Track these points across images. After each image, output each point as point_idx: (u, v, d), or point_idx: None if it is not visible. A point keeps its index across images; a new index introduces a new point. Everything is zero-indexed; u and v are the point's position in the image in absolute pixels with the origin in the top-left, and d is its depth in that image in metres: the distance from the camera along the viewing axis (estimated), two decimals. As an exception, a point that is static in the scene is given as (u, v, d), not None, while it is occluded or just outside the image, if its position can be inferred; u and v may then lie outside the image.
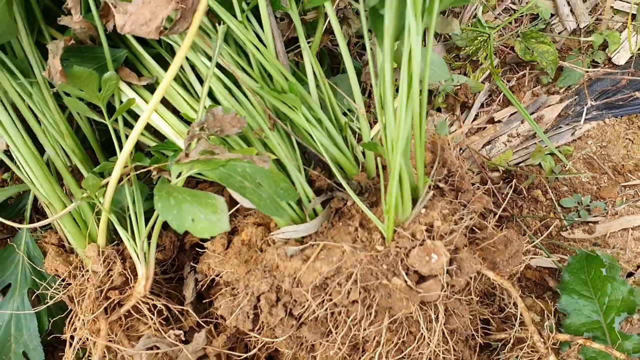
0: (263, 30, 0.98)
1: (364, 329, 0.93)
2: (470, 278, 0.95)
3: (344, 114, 1.05)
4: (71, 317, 1.04)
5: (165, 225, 1.15)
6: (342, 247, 0.92)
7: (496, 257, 0.97)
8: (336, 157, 1.00)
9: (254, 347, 1.03)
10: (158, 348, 1.01)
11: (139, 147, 1.11)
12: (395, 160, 0.81)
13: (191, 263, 1.14)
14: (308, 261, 0.92)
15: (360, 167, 1.03)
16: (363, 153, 1.04)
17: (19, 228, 1.12)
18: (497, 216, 1.02)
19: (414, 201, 0.94)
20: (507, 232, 0.97)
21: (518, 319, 1.06)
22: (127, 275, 1.03)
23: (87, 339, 1.02)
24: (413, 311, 0.91)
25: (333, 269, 0.90)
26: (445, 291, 0.91)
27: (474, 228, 1.00)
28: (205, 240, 1.09)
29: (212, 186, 1.19)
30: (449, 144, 1.01)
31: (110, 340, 1.01)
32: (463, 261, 0.90)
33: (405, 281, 0.89)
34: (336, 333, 0.94)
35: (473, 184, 1.00)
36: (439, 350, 0.97)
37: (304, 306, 0.94)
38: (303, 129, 0.98)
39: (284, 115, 0.99)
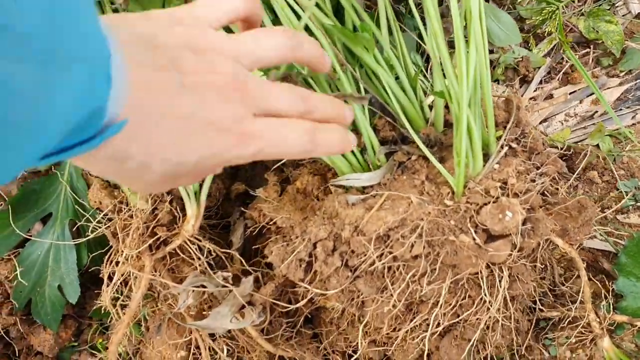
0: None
1: (424, 287, 0.88)
2: (539, 243, 0.89)
3: (415, 69, 0.99)
4: (111, 254, 0.99)
5: (212, 172, 1.10)
6: (409, 198, 0.86)
7: (567, 223, 0.91)
8: (405, 107, 0.94)
9: (302, 298, 0.97)
10: (205, 287, 0.95)
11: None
12: (461, 109, 0.76)
13: (241, 209, 1.09)
14: (372, 210, 0.87)
15: (429, 122, 0.97)
16: (430, 107, 0.99)
17: (63, 157, 1.07)
18: (568, 183, 0.96)
19: (486, 157, 0.89)
20: (581, 198, 0.91)
21: (579, 295, 1.00)
22: (175, 214, 0.98)
23: (130, 274, 0.97)
24: (480, 270, 0.86)
25: (398, 219, 0.85)
26: (514, 253, 0.86)
27: (545, 192, 0.94)
28: (248, 196, 1.04)
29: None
30: (521, 102, 0.95)
31: (152, 279, 0.96)
32: (538, 221, 0.85)
33: (474, 239, 0.83)
34: (393, 289, 0.89)
35: (545, 147, 0.94)
36: (498, 316, 0.91)
37: (361, 257, 0.88)
38: (373, 74, 0.93)
39: (352, 58, 0.93)
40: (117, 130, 0.44)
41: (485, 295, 0.89)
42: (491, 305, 0.90)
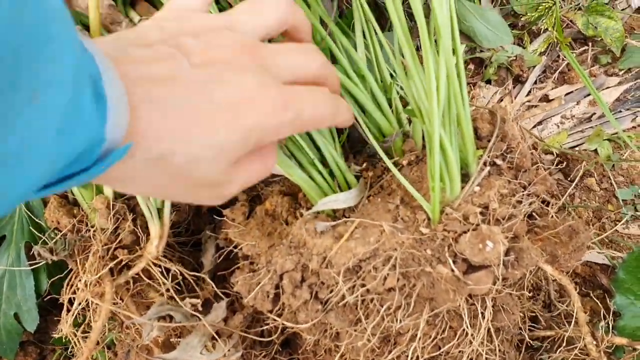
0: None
1: (400, 321, 0.78)
2: (527, 272, 0.79)
3: (392, 76, 0.89)
4: (71, 278, 0.91)
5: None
6: (381, 227, 0.76)
7: (557, 249, 0.81)
8: (378, 121, 0.84)
9: (274, 330, 0.89)
10: (172, 318, 0.86)
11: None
12: (433, 127, 0.66)
13: (213, 226, 1.00)
14: (341, 240, 0.77)
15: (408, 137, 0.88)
16: (410, 120, 0.89)
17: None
18: (559, 203, 0.86)
19: (466, 178, 0.79)
20: (573, 223, 0.81)
21: (573, 317, 0.91)
22: (138, 234, 0.89)
23: (89, 302, 0.89)
24: (459, 305, 0.76)
25: (369, 250, 0.75)
26: (497, 284, 0.76)
27: (533, 214, 0.84)
28: (223, 207, 0.94)
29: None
30: (510, 115, 0.84)
31: (116, 306, 0.88)
32: (523, 252, 0.75)
33: (453, 270, 0.74)
34: (367, 322, 0.79)
35: (534, 162, 0.84)
36: (482, 350, 0.82)
37: (332, 290, 0.79)
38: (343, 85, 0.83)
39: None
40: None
41: (467, 327, 0.80)
42: (474, 338, 0.80)
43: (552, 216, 0.83)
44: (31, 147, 0.34)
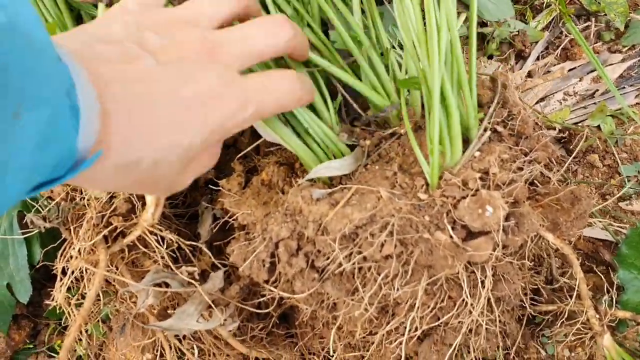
0: None
1: (397, 289, 0.76)
2: (528, 239, 0.77)
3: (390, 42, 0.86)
4: (64, 247, 0.89)
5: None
6: (378, 193, 0.74)
7: (559, 216, 0.79)
8: (374, 85, 0.81)
9: (270, 302, 0.87)
10: (167, 285, 0.84)
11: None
12: (432, 90, 0.64)
13: (210, 197, 0.98)
14: (337, 206, 0.75)
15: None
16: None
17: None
18: (562, 169, 0.83)
19: (467, 143, 0.76)
20: (575, 188, 0.78)
21: (574, 290, 0.88)
22: (134, 202, 0.87)
23: (83, 272, 0.87)
24: (457, 272, 0.73)
25: (366, 216, 0.72)
26: (497, 251, 0.73)
27: (534, 181, 0.81)
28: (220, 177, 0.92)
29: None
30: (511, 82, 0.82)
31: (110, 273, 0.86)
32: (523, 217, 0.72)
33: (451, 236, 0.71)
34: (364, 291, 0.77)
35: (535, 130, 0.81)
36: (482, 320, 0.80)
37: (328, 258, 0.76)
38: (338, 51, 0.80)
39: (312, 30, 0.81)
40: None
41: (466, 297, 0.77)
42: (473, 308, 0.78)
43: (554, 183, 0.80)
44: (8, 162, 0.34)
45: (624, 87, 1.21)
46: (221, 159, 1.15)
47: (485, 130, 0.78)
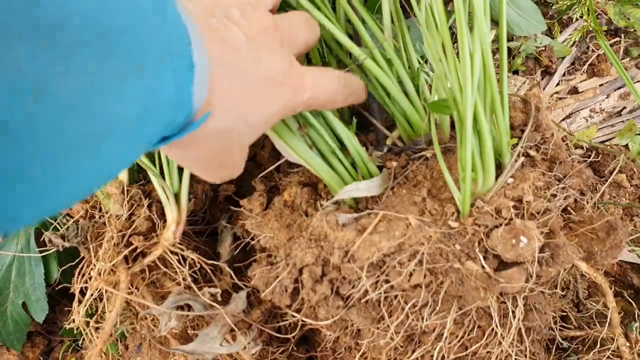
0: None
1: (425, 319, 0.73)
2: (562, 269, 0.74)
3: (419, 61, 0.83)
4: (82, 266, 0.86)
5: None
6: (407, 220, 0.71)
7: (594, 245, 0.75)
8: (405, 109, 0.79)
9: (292, 326, 0.84)
10: (190, 308, 0.82)
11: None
12: (465, 116, 0.61)
13: (230, 214, 0.96)
14: (364, 233, 0.72)
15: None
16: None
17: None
18: (597, 196, 0.80)
19: (499, 169, 0.73)
20: (611, 218, 0.75)
21: (607, 317, 0.85)
22: (154, 220, 0.85)
23: (103, 292, 0.84)
24: (488, 303, 0.70)
25: (394, 244, 0.70)
26: (529, 282, 0.70)
27: (568, 208, 0.78)
28: (239, 197, 0.89)
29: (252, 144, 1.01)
30: (544, 104, 0.79)
31: (131, 295, 0.83)
32: (559, 248, 0.69)
33: (483, 267, 0.68)
34: (390, 320, 0.74)
35: (569, 155, 0.78)
36: (511, 350, 0.76)
37: (354, 285, 0.74)
38: (368, 69, 0.77)
39: (342, 49, 0.79)
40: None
41: (496, 326, 0.74)
42: (503, 339, 0.75)
43: (588, 211, 0.77)
44: (148, 111, 0.36)
45: (653, 105, 1.18)
46: (242, 174, 1.14)
47: (519, 154, 0.75)
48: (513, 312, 0.73)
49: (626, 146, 1.14)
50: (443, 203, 0.73)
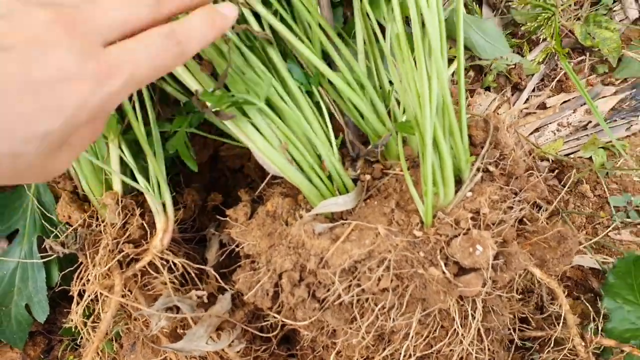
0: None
1: (393, 320, 0.80)
2: (516, 274, 0.81)
3: (391, 83, 0.90)
4: (80, 271, 0.93)
5: (188, 182, 1.03)
6: (376, 229, 0.78)
7: (546, 254, 0.83)
8: (376, 128, 0.86)
9: (273, 326, 0.91)
10: (178, 309, 0.88)
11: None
12: (425, 137, 0.68)
13: (218, 222, 1.02)
14: (337, 241, 0.79)
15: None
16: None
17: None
18: (550, 209, 0.87)
19: (459, 183, 0.81)
20: (563, 228, 0.82)
21: (561, 319, 0.92)
22: (146, 229, 0.91)
23: (99, 294, 0.91)
24: (449, 305, 0.78)
25: (365, 252, 0.77)
26: (486, 287, 0.78)
27: (523, 219, 0.85)
28: (227, 206, 0.96)
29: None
30: (503, 124, 0.86)
31: (124, 297, 0.90)
32: (511, 256, 0.76)
33: (444, 272, 0.75)
34: (361, 321, 0.81)
35: (526, 170, 0.86)
36: (472, 349, 0.84)
37: (328, 289, 0.81)
38: (342, 92, 0.84)
39: (322, 76, 0.85)
40: None
41: (458, 327, 0.81)
42: (464, 338, 0.82)
43: (542, 222, 0.84)
44: None
45: (616, 120, 1.25)
46: (228, 182, 1.20)
47: (478, 170, 0.82)
48: (472, 314, 0.81)
49: (590, 158, 1.21)
50: (409, 214, 0.80)
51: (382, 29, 0.90)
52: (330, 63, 0.85)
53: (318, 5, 0.85)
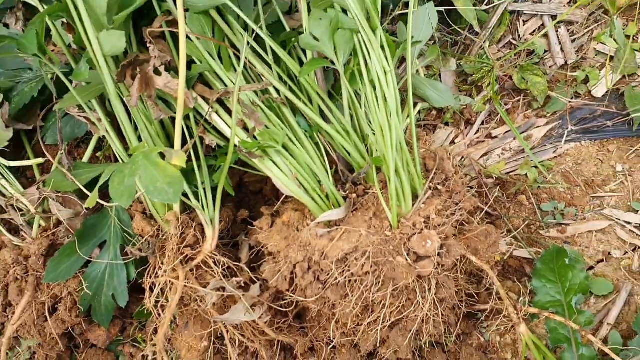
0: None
1: (373, 294, 1.10)
2: (457, 260, 1.11)
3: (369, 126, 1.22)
4: (149, 270, 1.22)
5: (223, 202, 1.33)
6: (360, 231, 1.09)
7: (478, 245, 1.14)
8: (359, 162, 1.17)
9: (289, 305, 1.21)
10: (224, 290, 1.18)
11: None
12: (389, 168, 0.99)
13: (246, 231, 1.33)
14: (333, 241, 1.10)
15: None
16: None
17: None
18: (483, 213, 1.18)
19: (416, 198, 1.12)
20: (488, 227, 1.13)
21: (495, 294, 1.22)
22: (198, 237, 1.20)
23: (166, 285, 1.20)
24: (411, 282, 1.08)
25: (352, 247, 1.07)
26: (436, 269, 1.08)
27: (463, 222, 1.16)
28: (252, 219, 1.27)
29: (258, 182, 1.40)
30: (448, 155, 1.17)
31: (185, 286, 1.19)
32: (451, 246, 1.07)
33: (406, 259, 1.06)
34: (352, 296, 1.11)
35: (470, 188, 1.17)
36: (430, 314, 1.14)
37: (328, 274, 1.11)
38: (333, 138, 1.16)
39: (319, 127, 1.17)
40: None
41: (419, 298, 1.12)
42: (424, 306, 1.12)
43: (475, 223, 1.16)
44: None
45: (546, 145, 1.56)
46: (250, 201, 1.51)
47: (430, 188, 1.13)
48: (428, 288, 1.11)
49: (526, 175, 1.53)
50: (382, 220, 1.11)
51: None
52: (325, 117, 1.17)
53: (315, 77, 1.17)
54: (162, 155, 0.93)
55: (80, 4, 0.98)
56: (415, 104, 1.31)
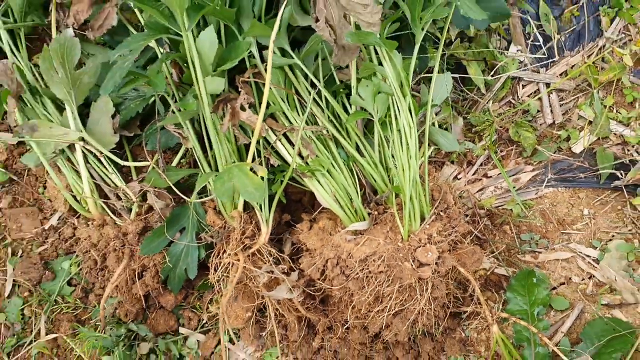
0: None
1: (384, 288, 1.42)
2: (449, 269, 1.44)
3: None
4: (215, 252, 1.53)
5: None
6: (379, 240, 1.42)
7: (466, 260, 1.46)
8: (382, 187, 1.50)
9: (319, 289, 1.54)
10: (272, 273, 1.49)
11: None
12: (405, 195, 1.33)
13: (289, 230, 1.66)
14: (358, 245, 1.42)
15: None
16: (399, 187, 1.55)
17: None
18: (473, 236, 1.51)
19: (423, 220, 1.45)
20: (475, 247, 1.45)
21: (476, 299, 1.55)
22: (255, 231, 1.51)
23: (231, 264, 1.50)
24: (413, 282, 1.40)
25: (372, 251, 1.39)
26: (433, 274, 1.41)
27: (457, 242, 1.49)
28: (294, 221, 1.61)
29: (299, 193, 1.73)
30: (450, 189, 1.51)
31: (244, 267, 1.50)
32: (446, 259, 1.39)
33: (412, 265, 1.39)
34: (367, 288, 1.42)
35: (466, 216, 1.50)
36: (425, 308, 1.46)
37: (352, 270, 1.42)
38: (365, 169, 1.49)
39: (354, 158, 1.50)
40: None
41: (418, 295, 1.44)
42: (421, 302, 1.45)
43: (466, 243, 1.48)
44: None
45: (529, 187, 1.88)
46: (292, 207, 1.85)
47: (434, 214, 1.46)
48: (426, 288, 1.44)
49: (511, 209, 1.85)
50: (396, 234, 1.43)
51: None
52: (360, 151, 1.51)
53: (355, 122, 1.51)
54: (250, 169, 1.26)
55: (195, 54, 1.32)
56: (429, 146, 1.64)
